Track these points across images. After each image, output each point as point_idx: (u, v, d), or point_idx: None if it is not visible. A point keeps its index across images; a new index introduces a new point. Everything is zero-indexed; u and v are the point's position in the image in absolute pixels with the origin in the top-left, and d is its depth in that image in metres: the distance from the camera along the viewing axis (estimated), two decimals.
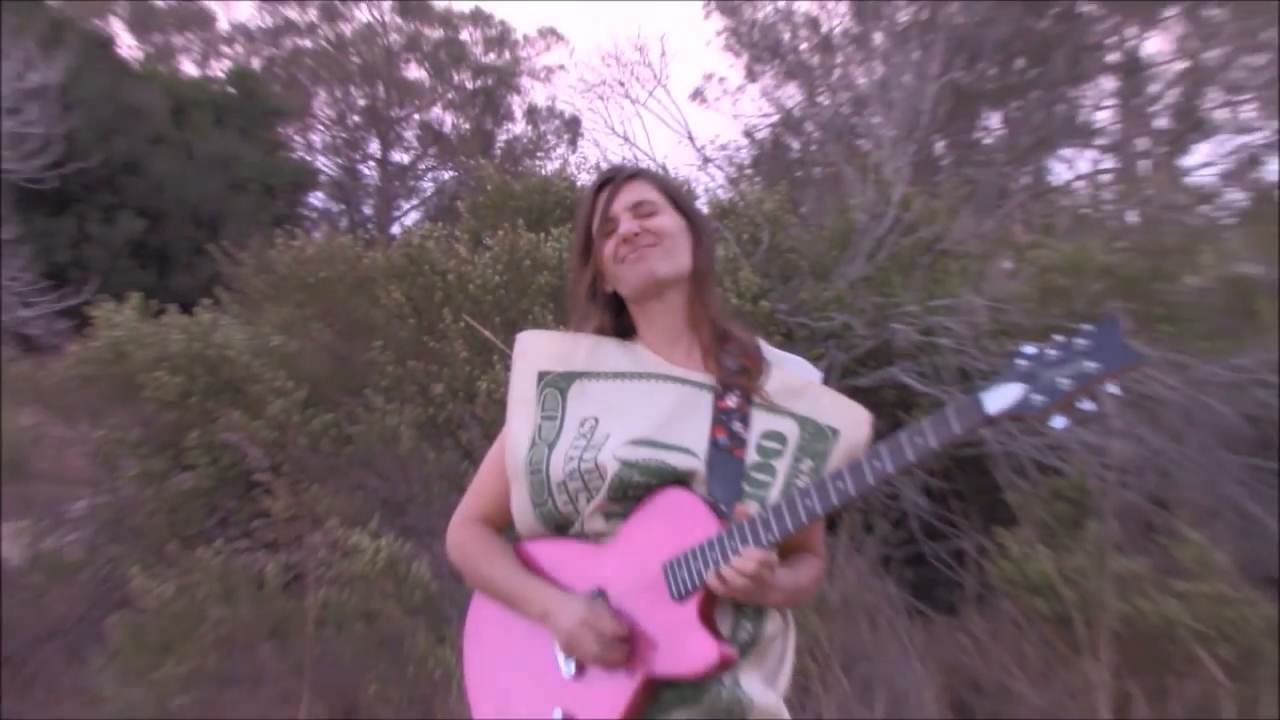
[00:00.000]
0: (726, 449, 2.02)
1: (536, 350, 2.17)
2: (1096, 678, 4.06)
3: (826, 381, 2.21)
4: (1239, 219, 10.35)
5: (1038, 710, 4.22)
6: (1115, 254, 5.73)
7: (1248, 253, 7.55)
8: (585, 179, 7.45)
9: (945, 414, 1.86)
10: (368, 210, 40.81)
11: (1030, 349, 1.84)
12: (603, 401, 2.09)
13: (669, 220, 2.11)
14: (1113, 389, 1.81)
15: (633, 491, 1.98)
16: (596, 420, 2.06)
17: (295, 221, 23.25)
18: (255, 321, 5.92)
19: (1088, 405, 1.81)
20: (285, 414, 4.81)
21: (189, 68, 40.54)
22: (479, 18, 42.89)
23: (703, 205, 6.69)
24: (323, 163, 40.46)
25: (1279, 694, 4.09)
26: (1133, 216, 7.68)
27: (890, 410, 4.93)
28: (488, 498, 2.18)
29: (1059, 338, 1.83)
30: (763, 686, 2.00)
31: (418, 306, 5.04)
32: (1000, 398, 1.82)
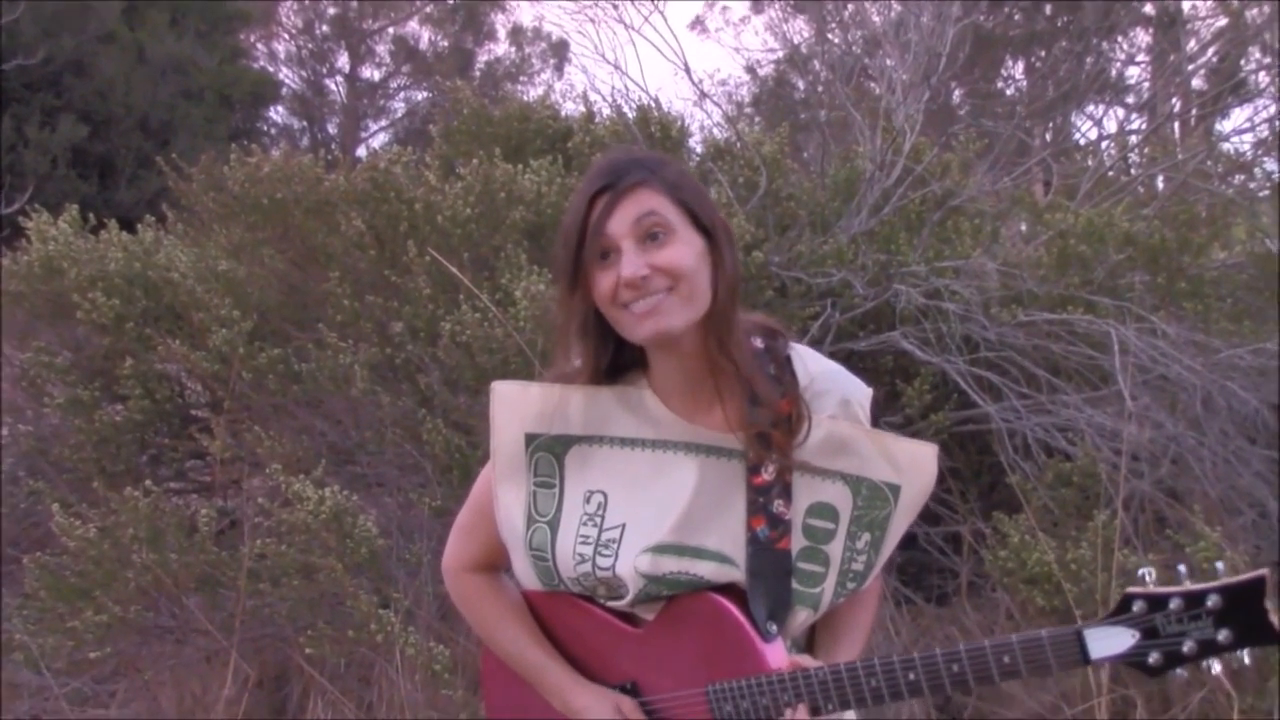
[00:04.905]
0: (767, 542, 1.84)
1: (518, 407, 1.93)
2: (1095, 680, 4.06)
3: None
4: (1275, 191, 10.37)
5: (1031, 713, 4.22)
6: (1140, 222, 5.69)
7: None
8: (571, 108, 7.36)
9: (1042, 645, 1.72)
10: (332, 129, 40.69)
11: (1149, 591, 1.67)
12: (610, 474, 1.91)
13: (684, 250, 1.78)
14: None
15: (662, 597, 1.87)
16: (605, 497, 1.89)
17: (252, 137, 23.14)
18: (202, 243, 5.88)
19: (1215, 668, 1.66)
20: (229, 346, 4.77)
21: None
22: None
23: (697, 144, 6.62)
24: (286, 75, 40.21)
25: None
26: (1160, 182, 7.63)
27: (889, 378, 4.89)
28: (483, 546, 2.03)
29: (1189, 585, 1.67)
30: None
31: (380, 236, 4.99)
32: (1108, 643, 1.70)
